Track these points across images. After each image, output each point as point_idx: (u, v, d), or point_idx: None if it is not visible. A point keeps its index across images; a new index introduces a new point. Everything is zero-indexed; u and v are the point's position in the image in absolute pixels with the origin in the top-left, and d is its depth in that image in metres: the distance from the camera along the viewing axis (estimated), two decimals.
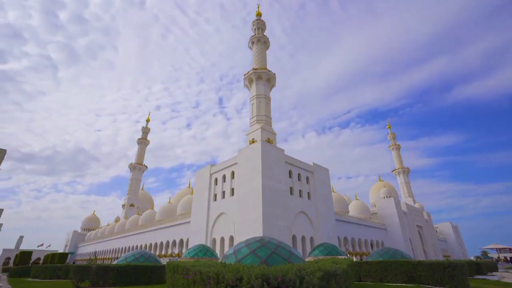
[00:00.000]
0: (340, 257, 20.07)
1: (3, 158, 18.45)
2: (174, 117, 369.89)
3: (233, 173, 41.30)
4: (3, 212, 21.78)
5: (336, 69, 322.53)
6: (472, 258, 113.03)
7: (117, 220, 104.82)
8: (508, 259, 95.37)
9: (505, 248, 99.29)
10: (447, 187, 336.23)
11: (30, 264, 51.42)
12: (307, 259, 20.60)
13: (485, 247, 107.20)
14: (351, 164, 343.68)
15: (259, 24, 59.46)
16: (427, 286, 16.11)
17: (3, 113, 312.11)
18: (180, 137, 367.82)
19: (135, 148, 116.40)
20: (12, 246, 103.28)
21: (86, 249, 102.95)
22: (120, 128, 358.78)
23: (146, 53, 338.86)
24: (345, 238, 53.67)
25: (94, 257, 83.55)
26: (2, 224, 25.14)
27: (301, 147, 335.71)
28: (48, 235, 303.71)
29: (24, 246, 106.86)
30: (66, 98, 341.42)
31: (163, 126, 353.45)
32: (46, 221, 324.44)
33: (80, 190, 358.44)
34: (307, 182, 43.85)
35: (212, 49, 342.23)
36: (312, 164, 46.24)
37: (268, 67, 53.69)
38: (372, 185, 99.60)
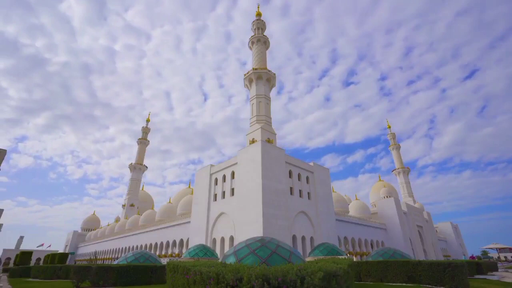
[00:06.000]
0: (340, 257, 20.03)
1: (3, 159, 18.44)
2: None
3: (233, 173, 41.27)
4: (3, 212, 21.76)
5: None
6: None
7: (117, 220, 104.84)
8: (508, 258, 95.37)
9: (505, 247, 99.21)
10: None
11: (32, 264, 51.37)
12: (307, 259, 20.58)
13: (485, 246, 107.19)
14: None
15: (259, 24, 59.43)
16: (427, 286, 16.09)
17: (169, 62, 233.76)
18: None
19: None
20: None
21: (86, 249, 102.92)
22: None
23: None
24: (345, 238, 53.64)
25: (94, 257, 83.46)
26: (2, 224, 25.12)
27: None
28: (49, 235, 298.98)
29: (26, 247, 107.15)
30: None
31: None
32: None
33: (159, 182, 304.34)
34: (307, 182, 43.83)
35: None
36: (312, 164, 46.23)
37: None
38: (372, 185, 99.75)
